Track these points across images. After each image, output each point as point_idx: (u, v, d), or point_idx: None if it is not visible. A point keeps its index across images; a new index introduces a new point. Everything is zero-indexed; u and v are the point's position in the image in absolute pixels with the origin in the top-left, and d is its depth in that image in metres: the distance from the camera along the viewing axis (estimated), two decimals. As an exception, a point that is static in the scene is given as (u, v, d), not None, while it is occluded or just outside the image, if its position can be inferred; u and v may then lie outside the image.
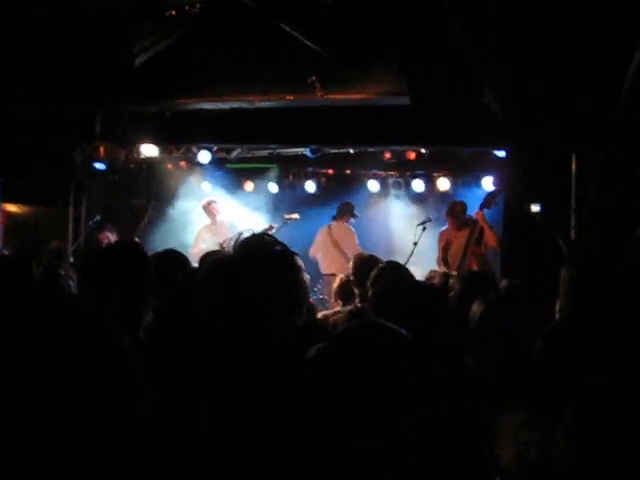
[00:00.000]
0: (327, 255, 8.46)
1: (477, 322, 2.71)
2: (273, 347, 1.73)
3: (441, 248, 7.46)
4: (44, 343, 1.09)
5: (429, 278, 4.94)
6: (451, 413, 1.82)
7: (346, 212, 8.66)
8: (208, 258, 2.99)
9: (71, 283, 3.56)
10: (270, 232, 7.39)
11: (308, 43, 5.80)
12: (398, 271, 3.79)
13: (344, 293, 4.60)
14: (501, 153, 7.29)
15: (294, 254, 2.03)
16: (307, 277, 2.24)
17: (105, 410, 1.10)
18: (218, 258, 2.05)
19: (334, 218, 8.72)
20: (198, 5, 6.24)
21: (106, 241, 7.65)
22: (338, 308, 4.57)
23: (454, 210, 7.48)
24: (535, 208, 5.56)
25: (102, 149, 8.54)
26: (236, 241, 1.95)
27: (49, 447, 1.06)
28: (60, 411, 1.07)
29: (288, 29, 5.82)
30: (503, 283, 4.15)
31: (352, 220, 8.69)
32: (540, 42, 4.90)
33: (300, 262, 2.14)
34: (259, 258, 1.84)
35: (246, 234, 2.00)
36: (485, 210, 7.18)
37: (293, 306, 1.95)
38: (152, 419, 1.23)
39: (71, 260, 6.52)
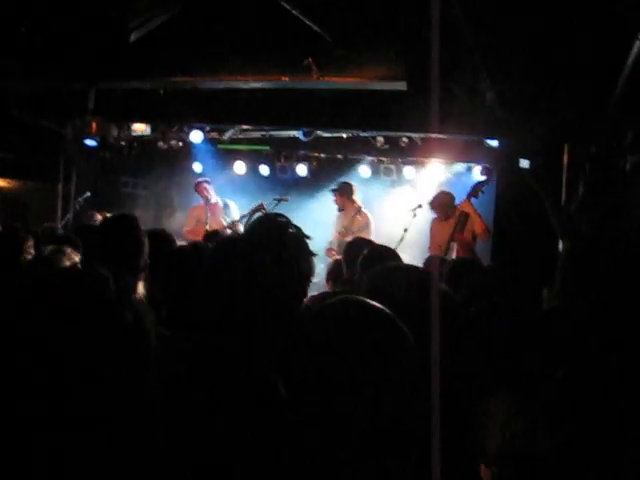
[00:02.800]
0: None
1: (465, 308, 2.73)
2: (281, 330, 1.70)
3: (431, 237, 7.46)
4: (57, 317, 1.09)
5: (427, 264, 4.91)
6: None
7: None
8: (214, 238, 2.94)
9: (76, 259, 3.55)
10: (261, 211, 7.36)
11: (307, 22, 5.74)
12: (388, 255, 3.78)
13: (335, 275, 4.59)
14: (494, 143, 7.29)
15: (307, 237, 1.97)
16: None
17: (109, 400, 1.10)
18: (232, 240, 1.99)
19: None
20: (195, -18, 6.17)
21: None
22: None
23: (440, 201, 7.42)
24: (524, 163, 5.59)
25: (94, 125, 8.46)
26: (247, 221, 1.93)
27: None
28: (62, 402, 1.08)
29: (287, 8, 5.76)
30: (490, 267, 4.15)
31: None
32: (537, 33, 4.89)
33: None
34: (274, 241, 1.79)
35: (258, 214, 1.97)
36: (473, 199, 7.19)
37: (304, 289, 1.90)
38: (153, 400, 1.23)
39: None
